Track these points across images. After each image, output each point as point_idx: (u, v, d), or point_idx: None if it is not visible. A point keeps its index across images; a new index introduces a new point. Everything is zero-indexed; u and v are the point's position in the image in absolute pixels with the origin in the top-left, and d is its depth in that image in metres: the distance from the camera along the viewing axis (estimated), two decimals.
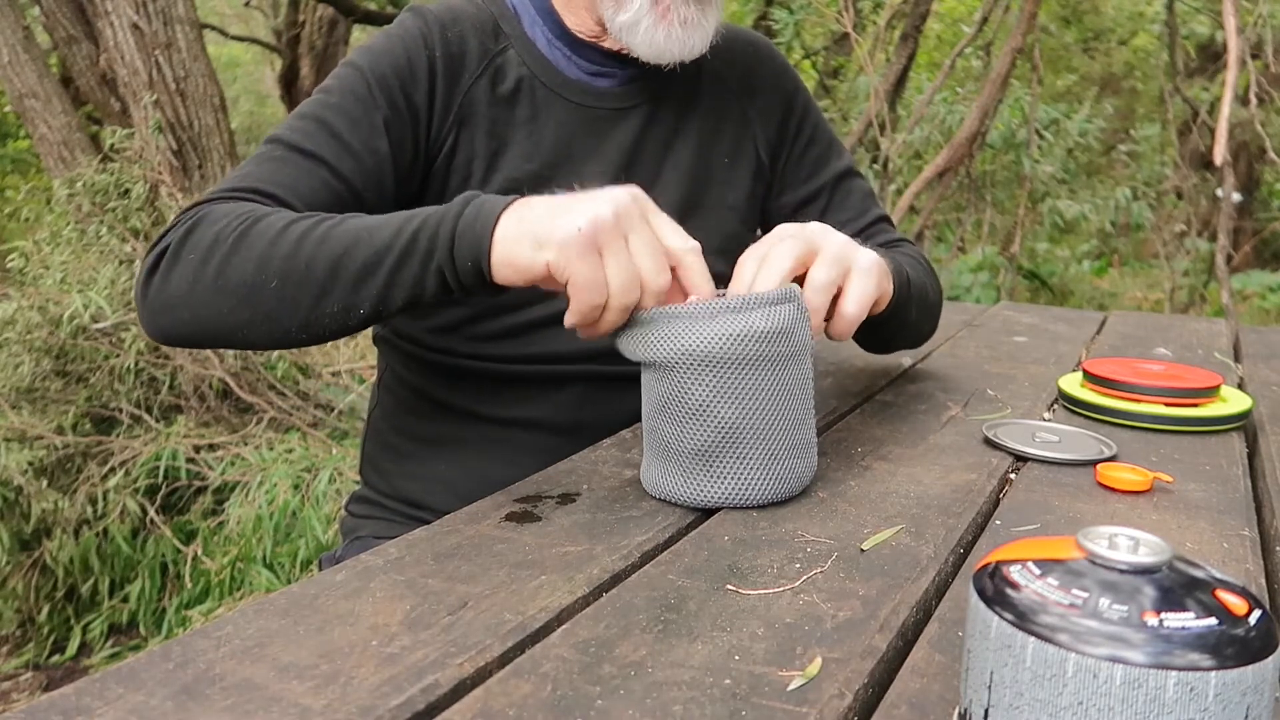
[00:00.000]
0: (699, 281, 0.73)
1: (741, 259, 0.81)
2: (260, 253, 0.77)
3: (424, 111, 0.95)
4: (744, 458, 0.71)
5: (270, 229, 0.78)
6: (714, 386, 0.70)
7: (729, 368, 0.70)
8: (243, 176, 0.88)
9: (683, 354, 0.70)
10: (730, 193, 1.09)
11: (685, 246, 0.73)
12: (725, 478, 0.72)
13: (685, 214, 1.04)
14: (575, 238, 0.69)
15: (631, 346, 0.74)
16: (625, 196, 0.72)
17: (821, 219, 1.15)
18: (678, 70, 1.06)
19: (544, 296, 0.98)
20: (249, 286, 0.78)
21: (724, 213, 1.08)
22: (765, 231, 1.19)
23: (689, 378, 0.70)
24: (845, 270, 0.82)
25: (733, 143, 1.10)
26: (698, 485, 0.72)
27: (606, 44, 1.01)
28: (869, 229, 1.15)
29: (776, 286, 0.77)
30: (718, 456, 0.71)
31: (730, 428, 0.71)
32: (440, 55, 0.96)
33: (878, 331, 1.02)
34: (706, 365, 0.70)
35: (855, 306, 0.83)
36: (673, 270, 0.73)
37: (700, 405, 0.70)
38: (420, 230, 0.76)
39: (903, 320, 1.01)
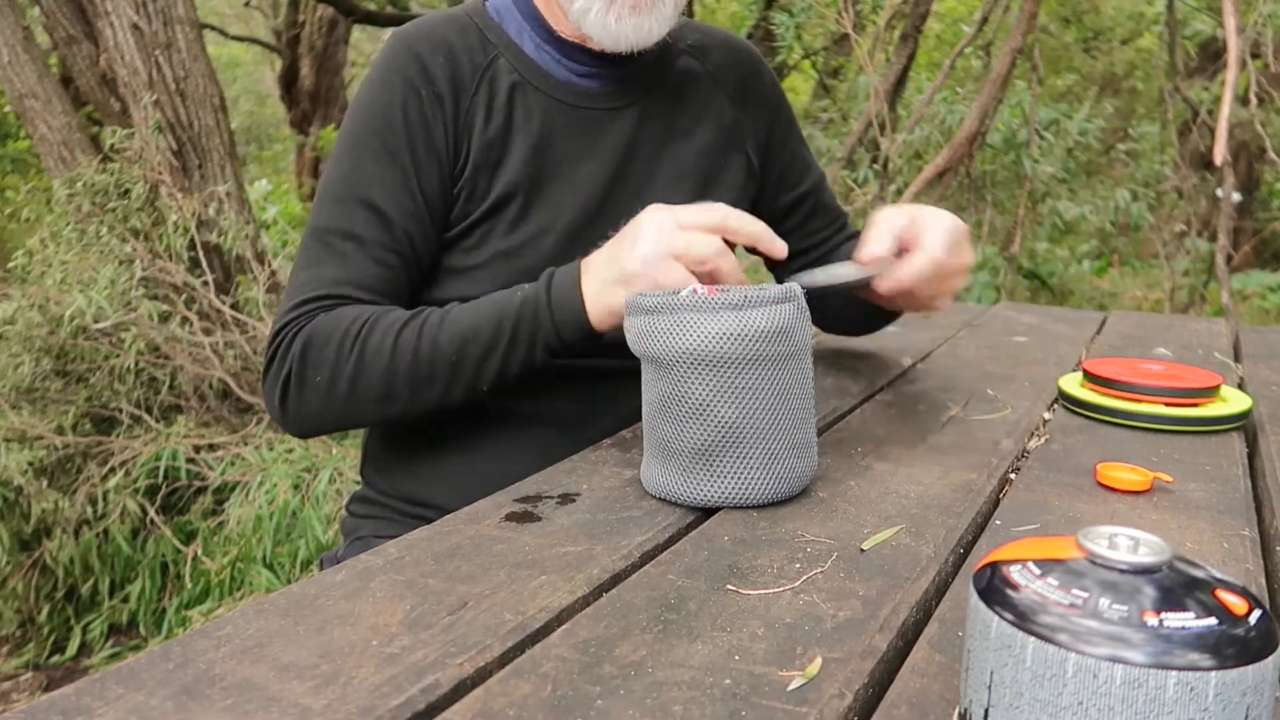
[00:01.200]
0: (747, 228, 0.86)
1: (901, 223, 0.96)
2: (383, 371, 0.90)
3: (443, 147, 0.98)
4: (744, 457, 0.71)
5: (383, 347, 0.90)
6: (714, 386, 0.70)
7: (729, 367, 0.70)
8: (315, 281, 0.95)
9: (683, 352, 0.70)
10: (723, 193, 1.10)
11: (717, 218, 0.85)
12: (725, 477, 0.71)
13: None
14: (649, 259, 0.82)
15: (635, 339, 0.74)
16: (651, 216, 0.85)
17: (810, 218, 1.22)
18: (669, 71, 1.08)
19: None
20: (382, 399, 0.91)
21: None
22: None
23: (689, 376, 0.70)
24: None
25: (725, 143, 1.11)
26: (698, 485, 0.72)
27: (592, 44, 1.02)
28: (844, 223, 1.25)
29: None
30: (718, 456, 0.71)
31: (731, 427, 0.71)
32: (443, 90, 0.98)
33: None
34: (707, 364, 0.70)
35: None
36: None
37: (700, 404, 0.70)
38: (519, 321, 0.89)
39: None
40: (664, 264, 0.82)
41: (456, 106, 0.99)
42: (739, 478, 0.72)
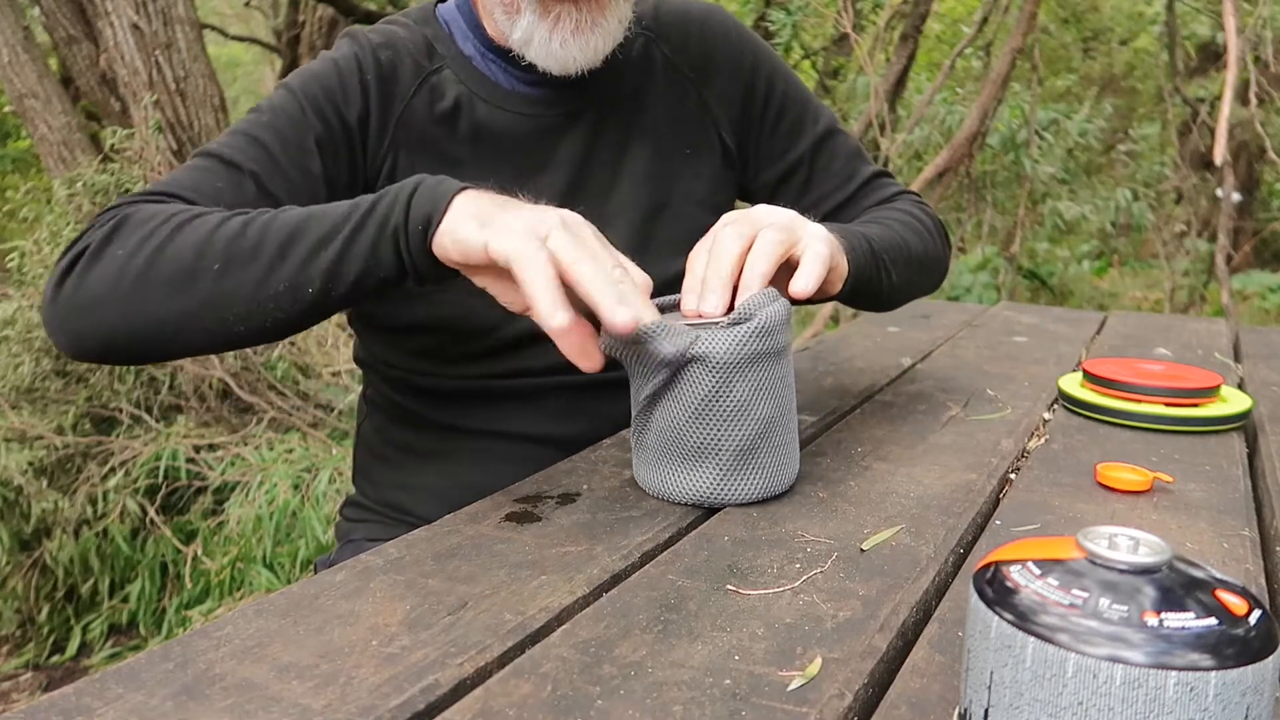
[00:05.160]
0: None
1: (692, 259, 0.79)
2: (201, 238, 0.74)
3: (357, 131, 0.94)
4: (778, 447, 0.73)
5: (212, 217, 0.75)
6: (755, 382, 0.71)
7: (766, 362, 0.71)
8: (168, 182, 0.85)
9: (727, 351, 0.70)
10: (696, 186, 1.05)
11: (637, 272, 0.71)
12: (764, 470, 0.73)
13: (649, 216, 1.01)
14: (519, 223, 0.68)
15: (672, 343, 0.71)
16: (577, 216, 0.71)
17: (805, 190, 1.09)
18: (625, 64, 1.01)
19: (511, 316, 0.96)
20: (186, 273, 0.73)
21: (690, 208, 1.03)
22: None
23: (734, 375, 0.70)
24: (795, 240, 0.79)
25: (693, 133, 1.05)
26: (738, 483, 0.72)
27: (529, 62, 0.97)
28: (863, 188, 1.10)
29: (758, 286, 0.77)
30: (757, 451, 0.72)
31: (768, 421, 0.72)
32: (373, 77, 0.94)
33: (852, 303, 0.98)
34: (749, 362, 0.70)
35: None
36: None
37: (742, 403, 0.71)
38: (380, 199, 0.74)
39: (875, 292, 0.96)
40: (527, 237, 0.67)
41: (389, 103, 0.94)
42: (776, 468, 0.74)
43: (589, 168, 1.00)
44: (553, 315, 0.66)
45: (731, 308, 0.75)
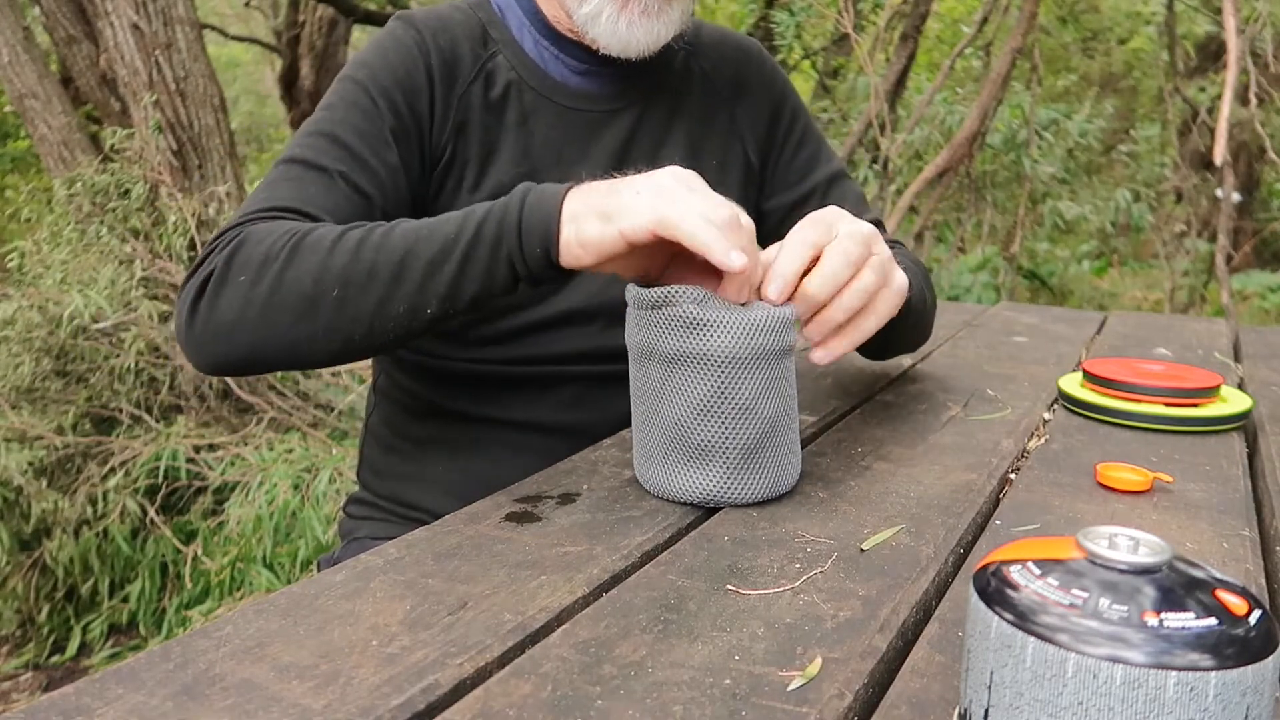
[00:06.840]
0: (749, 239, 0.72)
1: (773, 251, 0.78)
2: (317, 263, 0.77)
3: (426, 120, 0.96)
4: (780, 447, 0.73)
5: (323, 240, 0.78)
6: (762, 381, 0.71)
7: (773, 360, 0.71)
8: (268, 198, 0.86)
9: (735, 349, 0.70)
10: (722, 196, 1.07)
11: (727, 214, 0.71)
12: (767, 470, 0.73)
13: None
14: (640, 199, 0.70)
15: (676, 339, 0.71)
16: (677, 169, 0.73)
17: None
18: (667, 71, 1.06)
19: (538, 299, 0.98)
20: (308, 299, 0.77)
21: None
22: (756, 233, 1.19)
23: (740, 374, 0.70)
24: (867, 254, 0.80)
25: (722, 146, 1.09)
26: (742, 483, 0.72)
27: (590, 40, 1.00)
28: None
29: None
30: (763, 451, 0.72)
31: (773, 421, 0.72)
32: (436, 63, 0.96)
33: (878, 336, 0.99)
34: (757, 359, 0.70)
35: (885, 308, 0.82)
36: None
37: (748, 402, 0.71)
38: (485, 221, 0.75)
39: (901, 324, 0.96)
40: (656, 203, 0.69)
41: (451, 88, 0.96)
42: (779, 468, 0.73)
43: (624, 165, 1.03)
44: (730, 257, 0.67)
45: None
